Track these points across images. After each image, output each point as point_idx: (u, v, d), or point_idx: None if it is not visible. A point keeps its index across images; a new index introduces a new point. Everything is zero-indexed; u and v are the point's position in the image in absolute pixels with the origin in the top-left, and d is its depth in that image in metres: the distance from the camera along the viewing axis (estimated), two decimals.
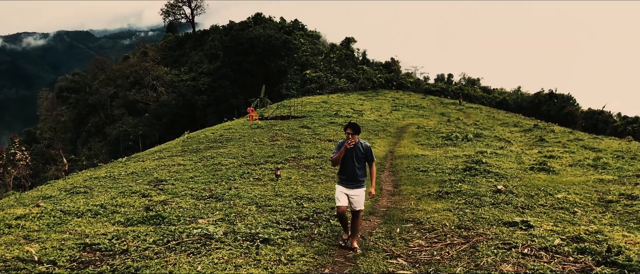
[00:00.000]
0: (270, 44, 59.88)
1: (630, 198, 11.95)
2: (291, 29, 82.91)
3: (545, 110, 58.05)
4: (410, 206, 11.42)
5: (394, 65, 73.07)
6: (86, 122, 77.70)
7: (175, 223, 9.12)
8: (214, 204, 10.96)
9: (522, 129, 34.08)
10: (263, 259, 7.11)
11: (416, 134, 28.21)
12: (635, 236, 8.83)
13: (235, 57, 59.00)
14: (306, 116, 33.94)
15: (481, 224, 9.34)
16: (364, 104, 45.52)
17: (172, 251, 7.43)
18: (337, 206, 8.03)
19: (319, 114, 34.94)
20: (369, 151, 8.16)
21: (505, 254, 7.40)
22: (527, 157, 19.90)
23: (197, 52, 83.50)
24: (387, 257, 7.59)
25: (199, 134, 26.56)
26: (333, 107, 39.87)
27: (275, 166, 15.55)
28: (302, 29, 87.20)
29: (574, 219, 10.24)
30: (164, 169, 16.07)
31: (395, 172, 16.48)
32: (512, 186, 13.32)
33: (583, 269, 6.75)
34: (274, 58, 60.38)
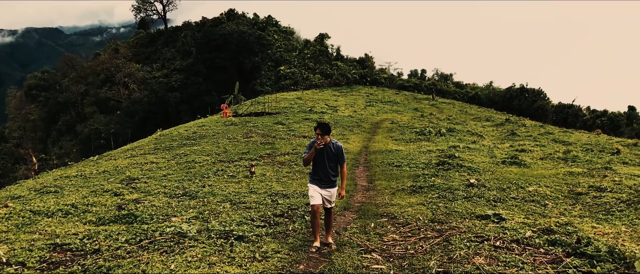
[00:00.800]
0: (244, 40, 59.57)
1: (599, 190, 12.22)
2: (265, 25, 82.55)
3: (516, 104, 58.89)
4: (384, 200, 11.48)
5: (368, 61, 73.37)
6: (56, 120, 76.33)
7: (148, 222, 9.02)
8: (187, 202, 10.86)
9: (494, 124, 34.52)
10: (237, 257, 7.07)
11: (390, 129, 28.36)
12: (603, 227, 9.03)
13: (208, 53, 58.55)
14: (281, 112, 33.86)
15: (454, 218, 9.43)
16: (338, 100, 45.61)
17: (144, 250, 7.34)
18: (312, 204, 7.86)
19: (294, 111, 34.89)
20: (341, 151, 8.06)
21: (478, 247, 7.49)
22: (499, 151, 20.17)
23: (169, 48, 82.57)
24: (361, 252, 7.61)
25: (172, 132, 26.30)
26: (308, 104, 39.86)
27: (249, 162, 15.49)
28: (275, 25, 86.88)
29: (544, 211, 10.42)
30: (137, 167, 15.87)
31: (369, 167, 16.54)
32: (485, 180, 13.49)
33: (553, 260, 6.86)
34: (247, 54, 60.08)
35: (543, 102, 58.86)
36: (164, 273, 6.43)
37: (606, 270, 6.31)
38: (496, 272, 6.38)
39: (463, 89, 70.96)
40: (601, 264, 6.49)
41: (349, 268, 6.83)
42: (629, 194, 11.52)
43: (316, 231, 7.90)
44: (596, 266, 6.43)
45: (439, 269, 6.63)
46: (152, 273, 6.43)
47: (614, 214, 10.19)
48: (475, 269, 6.48)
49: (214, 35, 59.82)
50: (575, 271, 6.36)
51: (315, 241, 7.86)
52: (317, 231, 7.91)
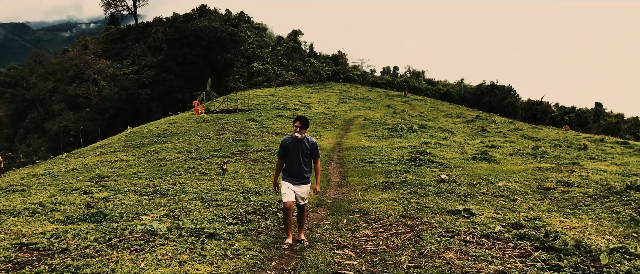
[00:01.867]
0: (216, 36, 59.05)
1: (567, 185, 12.46)
2: (237, 21, 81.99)
3: (487, 101, 59.61)
4: (357, 197, 11.52)
5: (341, 58, 73.42)
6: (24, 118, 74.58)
7: (118, 220, 8.89)
8: (158, 200, 10.74)
9: (465, 120, 34.93)
10: (208, 255, 7.01)
11: (363, 126, 28.46)
12: (571, 221, 9.22)
13: (180, 50, 57.89)
14: (253, 109, 33.70)
15: (425, 213, 9.52)
16: (311, 97, 45.58)
17: (114, 248, 7.22)
18: (284, 201, 7.80)
19: (267, 107, 34.76)
20: (315, 147, 8.08)
21: (448, 241, 7.57)
22: (469, 147, 20.42)
23: (140, 45, 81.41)
24: (333, 248, 7.62)
25: (142, 129, 25.97)
26: (281, 100, 39.75)
27: (221, 160, 15.38)
28: (248, 21, 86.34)
29: (514, 206, 10.60)
30: (106, 165, 15.63)
31: (342, 164, 16.59)
32: (455, 176, 13.65)
33: (522, 254, 6.98)
34: (219, 51, 59.58)
35: (513, 99, 59.68)
36: (134, 271, 6.34)
37: (573, 263, 6.43)
38: (466, 266, 6.45)
39: (435, 86, 71.56)
40: (568, 258, 6.61)
41: (321, 264, 6.83)
42: (596, 189, 11.78)
43: (288, 228, 7.85)
44: (563, 260, 6.55)
45: (410, 264, 6.68)
46: (121, 272, 6.33)
47: (581, 208, 10.42)
48: (446, 264, 6.54)
49: (186, 31, 59.13)
50: (543, 264, 6.47)
51: (288, 238, 7.82)
52: (290, 228, 7.86)
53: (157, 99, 58.08)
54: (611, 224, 9.07)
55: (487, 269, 6.36)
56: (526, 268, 6.37)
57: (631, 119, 52.28)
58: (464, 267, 6.43)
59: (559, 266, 6.38)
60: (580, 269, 6.28)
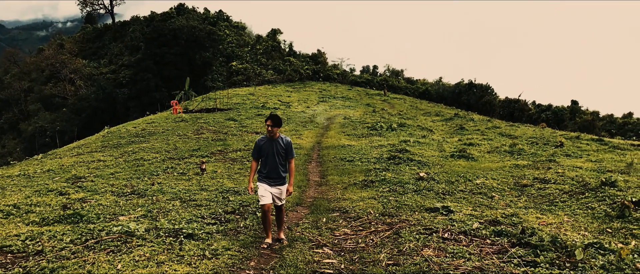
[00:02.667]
0: (194, 35, 58.64)
1: (543, 182, 12.62)
2: (216, 20, 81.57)
3: (465, 99, 60.19)
4: (336, 195, 11.54)
5: (321, 57, 73.49)
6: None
7: (95, 221, 8.77)
8: (135, 200, 10.62)
9: (444, 118, 35.18)
10: (187, 255, 6.95)
11: (343, 124, 28.51)
12: (547, 218, 9.33)
13: (158, 48, 57.37)
14: (232, 108, 33.55)
15: (404, 211, 9.56)
16: (291, 96, 45.53)
17: (90, 250, 7.13)
18: (261, 204, 7.75)
19: (246, 106, 34.63)
20: (290, 146, 8.00)
21: (427, 239, 7.61)
22: (448, 145, 20.56)
23: (117, 44, 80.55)
24: (313, 247, 7.62)
25: (120, 129, 25.69)
26: (260, 99, 39.65)
27: (200, 159, 15.28)
28: (227, 20, 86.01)
29: (491, 203, 10.71)
30: (83, 165, 15.43)
31: (322, 162, 16.59)
32: (434, 173, 13.74)
33: (499, 250, 7.04)
34: (198, 50, 59.20)
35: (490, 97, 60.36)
36: (111, 273, 6.26)
37: (549, 259, 6.51)
38: (444, 263, 6.50)
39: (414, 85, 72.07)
40: (544, 254, 6.69)
41: (300, 263, 6.82)
42: (572, 186, 11.94)
43: (267, 228, 7.81)
44: (540, 256, 6.63)
45: (389, 261, 6.70)
46: (98, 273, 6.25)
47: (557, 204, 10.56)
48: (424, 261, 6.58)
49: (164, 30, 58.62)
50: (519, 260, 6.54)
51: (267, 237, 7.78)
52: (269, 228, 7.82)
53: (134, 99, 57.48)
54: (586, 220, 9.21)
55: (464, 265, 6.41)
56: (503, 264, 6.43)
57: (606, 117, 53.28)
58: (442, 264, 6.47)
59: (536, 262, 6.45)
60: (556, 264, 6.36)
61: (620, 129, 47.73)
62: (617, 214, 9.20)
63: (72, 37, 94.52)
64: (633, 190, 11.10)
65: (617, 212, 9.27)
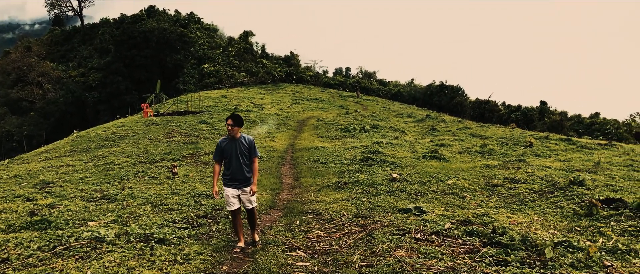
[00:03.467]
0: (165, 37, 58.05)
1: (513, 182, 12.82)
2: (187, 22, 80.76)
3: (436, 101, 60.79)
4: (310, 197, 11.52)
5: (294, 59, 73.39)
6: None
7: (63, 227, 8.58)
8: (105, 205, 10.44)
9: (416, 120, 35.47)
10: (158, 260, 6.85)
11: (316, 126, 28.53)
12: (517, 217, 9.47)
13: (128, 51, 56.62)
14: (204, 111, 33.27)
15: (377, 212, 9.59)
16: (264, 98, 45.38)
17: (59, 256, 6.98)
18: (230, 210, 7.66)
19: (218, 109, 34.39)
20: (253, 145, 7.81)
21: (400, 240, 7.65)
22: (420, 146, 20.74)
23: (86, 46, 79.16)
24: (286, 250, 7.58)
25: (89, 133, 25.25)
26: (233, 102, 39.42)
27: (171, 163, 15.09)
28: (198, 22, 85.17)
29: (463, 203, 10.82)
30: (51, 170, 15.12)
31: (295, 165, 16.56)
32: (407, 174, 13.83)
33: (471, 250, 7.11)
34: (169, 52, 58.60)
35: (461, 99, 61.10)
36: None
37: (519, 258, 6.60)
38: (417, 264, 6.53)
39: (386, 87, 72.47)
40: (515, 253, 6.78)
41: (273, 266, 6.78)
42: (541, 185, 12.15)
43: (239, 232, 7.71)
44: (510, 255, 6.72)
45: (362, 263, 6.71)
46: None
47: (527, 204, 10.73)
48: (397, 262, 6.60)
49: (134, 32, 57.87)
50: (490, 260, 6.61)
51: (240, 241, 7.67)
52: (240, 231, 7.73)
53: (104, 102, 56.65)
54: (556, 218, 9.37)
55: (437, 266, 6.45)
56: (475, 264, 6.50)
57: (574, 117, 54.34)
58: (415, 264, 6.51)
59: (506, 260, 6.53)
60: (527, 263, 6.45)
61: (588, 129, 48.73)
62: (585, 212, 9.38)
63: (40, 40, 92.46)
64: (600, 189, 11.34)
65: (585, 210, 9.45)
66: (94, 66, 63.87)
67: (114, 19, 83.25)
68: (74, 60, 76.08)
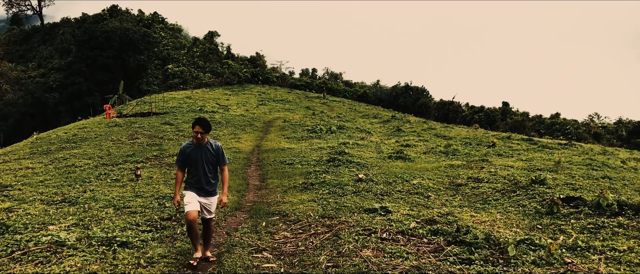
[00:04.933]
0: (128, 37, 57.07)
1: (477, 181, 13.02)
2: (150, 22, 79.65)
3: (402, 102, 61.38)
4: (276, 199, 11.47)
5: (260, 60, 73.11)
6: None
7: (22, 232, 8.33)
8: (66, 208, 10.19)
9: (382, 121, 35.73)
10: (121, 264, 6.71)
11: (283, 127, 28.46)
12: (481, 216, 9.62)
13: (90, 51, 55.45)
14: (169, 112, 32.83)
15: (343, 213, 9.62)
16: (230, 99, 45.04)
17: (17, 262, 6.78)
18: (186, 211, 6.80)
19: (183, 110, 33.98)
20: (221, 152, 7.17)
21: (366, 239, 7.68)
22: (385, 146, 20.90)
23: (46, 46, 77.33)
24: (252, 251, 7.52)
25: (50, 135, 24.62)
26: (198, 103, 38.99)
27: (135, 165, 14.84)
28: (162, 22, 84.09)
29: (428, 202, 10.94)
30: (10, 173, 14.68)
31: (262, 166, 16.48)
32: (372, 175, 13.92)
33: (436, 249, 7.19)
34: (132, 52, 57.65)
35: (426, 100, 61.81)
36: None
37: (483, 256, 6.71)
38: (383, 263, 6.57)
39: (352, 88, 72.81)
40: (479, 251, 6.89)
41: (239, 268, 6.72)
42: (503, 184, 12.38)
43: (195, 240, 7.01)
44: (474, 253, 6.82)
45: (329, 263, 6.71)
46: None
47: (490, 203, 10.91)
48: (363, 262, 6.63)
49: (96, 32, 56.70)
50: (455, 258, 6.70)
51: (196, 252, 7.01)
52: (197, 239, 7.04)
53: (65, 103, 55.30)
54: (518, 217, 9.55)
55: (402, 265, 6.50)
56: (439, 263, 6.57)
57: (535, 117, 55.58)
58: (381, 264, 6.54)
59: (470, 259, 6.63)
60: (490, 261, 6.55)
61: (549, 129, 49.88)
62: (547, 211, 9.60)
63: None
64: (561, 187, 11.62)
65: (547, 209, 9.67)
66: (55, 67, 62.28)
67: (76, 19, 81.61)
68: (33, 61, 74.21)
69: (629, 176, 14.18)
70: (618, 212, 9.03)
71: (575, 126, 51.02)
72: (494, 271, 6.15)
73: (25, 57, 78.56)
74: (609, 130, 52.72)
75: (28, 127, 47.09)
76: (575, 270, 6.07)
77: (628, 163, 17.29)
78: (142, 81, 58.39)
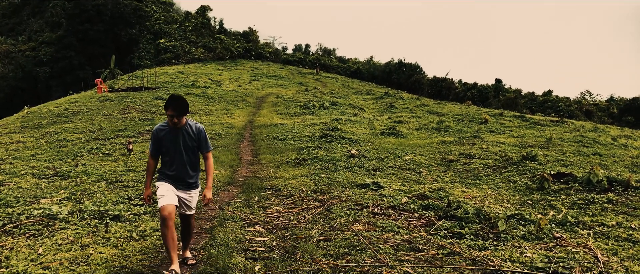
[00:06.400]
0: (119, 11, 56.41)
1: (468, 157, 13.09)
2: None
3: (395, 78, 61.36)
4: (269, 174, 11.49)
5: (252, 35, 72.67)
6: None
7: (14, 205, 8.31)
8: (58, 182, 10.17)
9: (374, 97, 35.72)
10: (113, 237, 6.73)
11: (275, 103, 28.41)
12: (472, 191, 9.69)
13: (81, 25, 54.82)
14: (161, 87, 32.64)
15: (336, 188, 9.66)
16: (222, 74, 44.81)
17: (9, 234, 6.78)
18: (161, 205, 5.38)
19: (175, 85, 33.80)
20: (203, 136, 5.81)
21: (357, 214, 7.73)
22: (378, 123, 20.93)
23: (36, 19, 76.33)
24: (245, 225, 7.55)
25: (41, 109, 24.45)
26: (190, 78, 38.77)
27: (127, 139, 14.80)
28: None
29: (419, 178, 11.00)
30: (1, 147, 14.61)
31: (254, 141, 16.48)
32: (365, 151, 13.95)
33: (427, 223, 7.25)
34: (123, 26, 57.04)
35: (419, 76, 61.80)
36: (31, 258, 5.97)
37: (473, 230, 6.76)
38: (374, 237, 6.61)
39: (345, 64, 72.64)
40: (469, 226, 6.94)
41: (231, 241, 6.74)
42: (495, 160, 12.45)
43: (170, 247, 5.39)
44: (465, 227, 6.87)
45: (321, 237, 6.75)
46: (17, 258, 5.95)
47: (482, 179, 10.99)
48: (355, 236, 6.67)
49: (86, 5, 55.92)
50: (446, 232, 6.75)
51: (172, 263, 5.41)
52: (173, 247, 5.41)
53: (56, 78, 54.83)
54: (509, 192, 9.63)
55: (393, 239, 6.55)
56: (430, 237, 6.62)
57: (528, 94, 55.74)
58: (372, 238, 6.59)
59: (461, 233, 6.68)
60: (480, 235, 6.61)
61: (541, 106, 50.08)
62: (537, 186, 9.68)
63: None
64: (552, 164, 11.71)
65: (537, 184, 9.75)
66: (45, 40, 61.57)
67: None
68: (23, 34, 73.34)
69: (619, 152, 14.30)
70: (608, 188, 9.12)
71: (567, 103, 51.23)
72: (484, 245, 6.21)
73: (15, 30, 77.61)
74: (600, 107, 53.00)
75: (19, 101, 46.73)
76: (565, 244, 6.15)
77: (619, 140, 17.42)
78: (133, 56, 57.95)
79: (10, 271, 5.59)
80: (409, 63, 63.98)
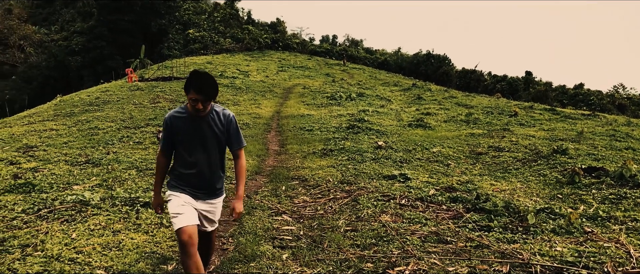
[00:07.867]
0: (149, 1, 57.03)
1: (498, 150, 12.94)
2: None
3: (423, 70, 60.80)
4: (295, 164, 11.54)
5: (280, 25, 72.77)
6: None
7: (48, 191, 8.52)
8: (90, 169, 10.37)
9: (402, 88, 35.49)
10: (143, 223, 6.86)
11: (302, 94, 28.45)
12: (501, 184, 9.58)
13: (111, 15, 55.62)
14: None
15: (362, 179, 9.65)
16: (250, 65, 45.02)
17: (43, 219, 6.95)
18: (178, 228, 4.01)
19: None
20: (233, 126, 4.37)
21: (384, 205, 7.72)
22: (405, 114, 20.81)
23: (69, 9, 77.53)
24: (272, 214, 7.62)
25: (73, 97, 24.92)
26: (218, 68, 39.05)
27: (156, 128, 15.01)
28: None
29: (447, 170, 10.91)
30: (35, 134, 14.94)
31: (281, 132, 16.55)
32: (392, 142, 13.90)
33: (455, 216, 7.20)
34: (153, 17, 57.67)
35: (448, 68, 61.13)
36: (65, 242, 6.12)
37: (502, 223, 6.70)
38: (401, 228, 6.60)
39: (373, 55, 72.25)
40: (498, 218, 6.88)
41: (259, 230, 6.81)
42: (525, 154, 12.28)
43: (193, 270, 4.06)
44: (493, 220, 6.82)
45: (347, 227, 6.77)
46: (51, 242, 6.10)
47: (511, 172, 10.85)
48: (382, 227, 6.67)
49: None
50: (474, 225, 6.71)
51: None
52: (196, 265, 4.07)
53: (88, 67, 55.76)
54: (538, 186, 9.50)
55: (421, 230, 6.53)
56: (458, 229, 6.58)
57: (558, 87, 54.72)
58: (399, 229, 6.58)
59: (489, 226, 6.63)
60: (509, 228, 6.55)
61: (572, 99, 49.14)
62: (568, 180, 9.52)
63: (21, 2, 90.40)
64: (583, 157, 11.50)
65: (568, 178, 9.59)
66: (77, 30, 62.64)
67: None
68: (56, 24, 74.65)
69: None
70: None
71: (599, 96, 50.13)
72: (513, 239, 6.15)
73: (48, 20, 79.02)
74: (634, 101, 51.71)
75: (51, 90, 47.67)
76: (596, 239, 6.05)
77: None
78: (163, 46, 58.54)
79: (45, 254, 5.74)
80: (437, 55, 63.30)
